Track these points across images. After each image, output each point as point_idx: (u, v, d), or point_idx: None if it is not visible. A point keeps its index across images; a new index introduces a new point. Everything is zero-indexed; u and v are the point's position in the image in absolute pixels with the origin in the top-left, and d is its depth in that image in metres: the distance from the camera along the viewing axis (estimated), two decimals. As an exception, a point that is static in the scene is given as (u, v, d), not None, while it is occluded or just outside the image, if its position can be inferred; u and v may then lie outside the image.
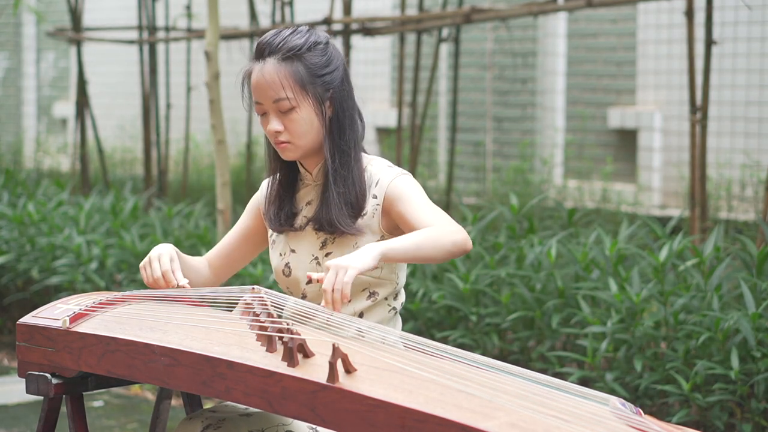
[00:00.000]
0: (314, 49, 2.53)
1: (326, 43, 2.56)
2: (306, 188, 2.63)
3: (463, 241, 2.41)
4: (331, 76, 2.54)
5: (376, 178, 2.55)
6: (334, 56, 2.56)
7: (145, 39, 7.63)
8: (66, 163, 10.11)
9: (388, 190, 2.52)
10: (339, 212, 2.52)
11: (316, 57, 2.53)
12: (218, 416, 2.49)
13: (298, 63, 2.51)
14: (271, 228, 2.65)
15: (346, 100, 2.56)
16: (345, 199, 2.53)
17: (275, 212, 2.63)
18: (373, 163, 2.60)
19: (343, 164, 2.54)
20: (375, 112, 8.99)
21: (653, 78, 7.54)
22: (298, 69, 2.51)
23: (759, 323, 3.81)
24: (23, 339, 2.46)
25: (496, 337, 4.57)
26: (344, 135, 2.55)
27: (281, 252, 2.63)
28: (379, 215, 2.53)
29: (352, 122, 2.57)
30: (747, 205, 6.40)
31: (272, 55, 2.52)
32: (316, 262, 2.56)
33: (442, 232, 2.39)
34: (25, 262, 6.10)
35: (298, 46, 2.51)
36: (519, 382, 2.08)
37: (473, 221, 5.13)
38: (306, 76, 2.51)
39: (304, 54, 2.52)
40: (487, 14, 5.91)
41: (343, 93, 2.56)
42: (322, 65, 2.53)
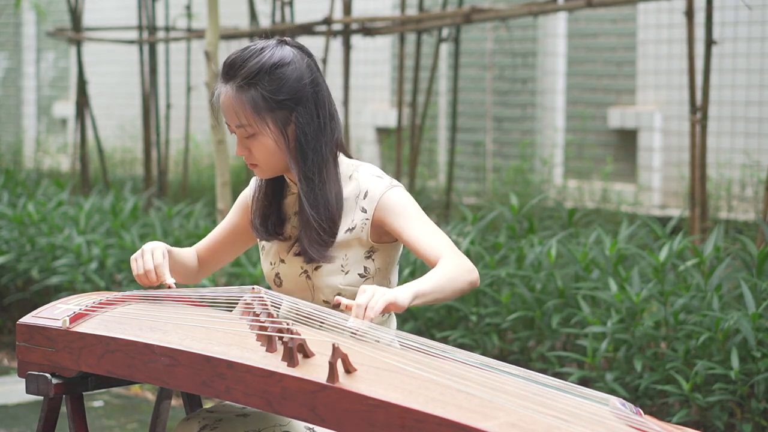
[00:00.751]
0: (272, 74, 2.43)
1: (288, 64, 2.45)
2: (293, 196, 2.59)
3: (476, 279, 2.40)
4: (291, 100, 2.45)
5: (365, 189, 2.49)
6: (297, 77, 2.45)
7: (145, 39, 7.63)
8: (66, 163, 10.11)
9: (379, 204, 2.47)
10: (310, 242, 2.47)
11: (274, 82, 2.43)
12: (215, 416, 2.49)
13: (254, 90, 2.43)
14: (257, 237, 2.61)
15: (310, 122, 2.47)
16: (316, 225, 2.47)
17: (261, 222, 2.59)
18: (360, 170, 2.53)
19: (309, 189, 2.47)
20: (375, 112, 8.99)
21: (653, 78, 7.54)
22: (253, 97, 2.43)
23: (759, 323, 3.81)
24: (23, 339, 2.46)
25: (496, 337, 4.57)
26: (307, 161, 2.47)
27: (272, 261, 2.60)
28: (368, 228, 2.48)
29: (316, 146, 2.47)
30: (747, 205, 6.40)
31: (232, 81, 2.45)
32: (305, 276, 2.53)
33: (459, 272, 2.36)
34: (25, 262, 6.10)
35: (254, 73, 2.43)
36: (519, 382, 2.08)
37: (473, 221, 5.13)
38: (262, 103, 2.43)
39: (262, 80, 2.43)
40: (487, 14, 5.91)
41: (307, 115, 2.47)
42: (279, 90, 2.43)
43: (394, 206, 2.46)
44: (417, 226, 2.44)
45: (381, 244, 2.51)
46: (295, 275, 2.54)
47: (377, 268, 2.52)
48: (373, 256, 2.51)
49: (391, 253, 2.54)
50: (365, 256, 2.50)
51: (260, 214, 2.59)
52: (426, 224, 2.45)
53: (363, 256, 2.50)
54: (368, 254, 2.50)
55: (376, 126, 9.01)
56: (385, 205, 2.47)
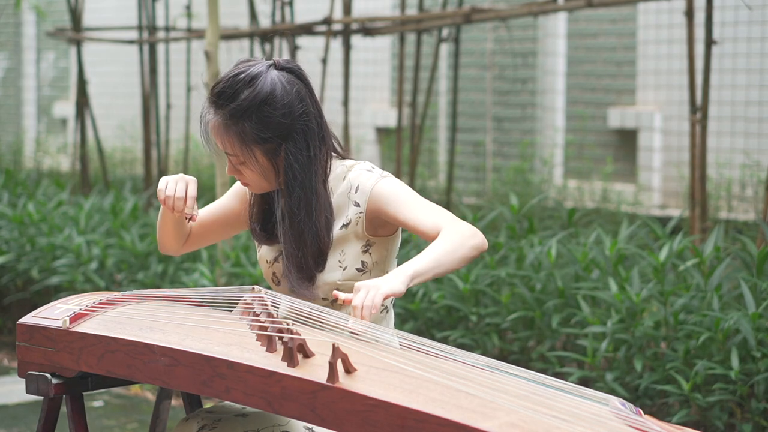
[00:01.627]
0: (262, 110, 2.41)
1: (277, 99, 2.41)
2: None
3: (482, 243, 2.37)
4: (279, 136, 2.43)
5: (356, 184, 2.50)
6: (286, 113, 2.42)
7: (145, 39, 7.63)
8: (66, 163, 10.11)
9: (371, 197, 2.47)
10: (290, 277, 2.48)
11: (263, 120, 2.41)
12: (214, 416, 2.49)
13: (244, 125, 2.42)
14: (257, 240, 2.62)
15: (298, 155, 2.45)
16: (296, 263, 2.46)
17: (260, 226, 2.60)
18: (354, 169, 2.53)
19: (292, 225, 2.47)
20: (375, 112, 8.99)
21: (653, 78, 7.54)
22: (241, 131, 2.42)
23: (759, 323, 3.81)
24: (23, 339, 2.46)
25: (496, 337, 4.57)
26: (293, 196, 2.46)
27: (268, 260, 2.61)
28: (363, 222, 2.49)
29: (304, 181, 2.45)
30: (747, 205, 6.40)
31: (220, 111, 2.44)
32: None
33: (459, 240, 2.34)
34: (25, 262, 6.10)
35: (244, 109, 2.40)
36: (519, 382, 2.08)
37: (473, 221, 5.13)
38: (251, 138, 2.42)
39: (252, 116, 2.41)
40: (487, 14, 5.91)
41: (295, 148, 2.45)
42: (267, 127, 2.41)
43: (387, 195, 2.47)
44: (411, 207, 2.44)
45: (377, 238, 2.52)
46: None
47: (374, 262, 2.52)
48: (369, 250, 2.51)
49: (387, 246, 2.54)
50: (362, 250, 2.51)
51: (259, 219, 2.60)
52: (420, 203, 2.45)
53: (360, 251, 2.51)
54: (365, 248, 2.51)
55: (376, 126, 9.01)
56: (377, 196, 2.47)
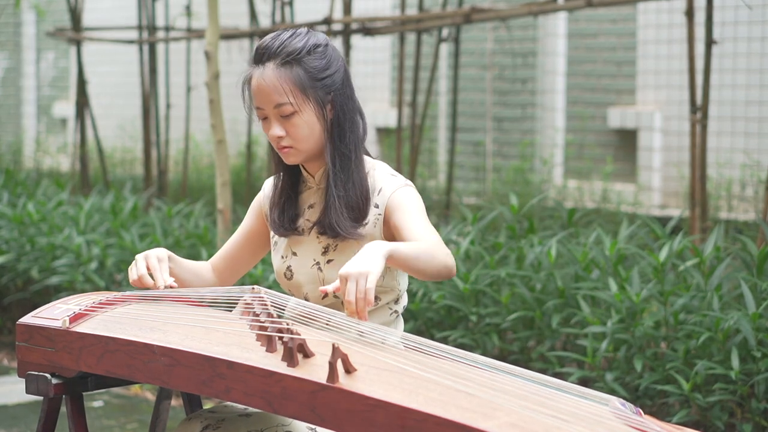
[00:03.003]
0: (314, 53, 2.51)
1: (325, 46, 2.53)
2: (309, 191, 2.62)
3: (452, 265, 2.41)
4: (331, 78, 2.52)
5: (379, 186, 2.54)
6: (334, 58, 2.54)
7: (145, 39, 7.63)
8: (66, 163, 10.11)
9: (389, 201, 2.51)
10: (340, 217, 2.51)
11: (316, 60, 2.51)
12: (217, 416, 2.49)
13: (298, 67, 2.49)
14: (274, 231, 2.63)
15: (347, 102, 2.54)
16: (346, 203, 2.51)
17: (279, 215, 2.61)
18: (376, 167, 2.59)
19: (344, 168, 2.53)
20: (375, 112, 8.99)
21: (653, 78, 7.54)
22: (298, 73, 2.49)
23: (759, 323, 3.81)
24: (23, 339, 2.46)
25: (496, 337, 4.57)
26: (345, 138, 2.53)
27: (283, 254, 2.62)
28: (381, 224, 2.52)
29: (352, 125, 2.55)
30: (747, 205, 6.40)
31: (271, 60, 2.50)
32: (317, 267, 2.55)
33: (438, 252, 2.38)
34: (25, 262, 6.10)
35: (297, 50, 2.49)
36: (519, 382, 2.08)
37: (473, 221, 5.13)
38: (306, 80, 2.49)
39: (304, 58, 2.49)
40: (487, 14, 5.91)
41: (344, 95, 2.54)
42: (322, 68, 2.51)
43: (401, 203, 2.50)
44: (412, 219, 2.47)
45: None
46: (306, 267, 2.56)
47: (387, 268, 2.53)
48: None
49: None
50: None
51: (278, 208, 2.62)
52: (421, 220, 2.48)
53: None
54: None
55: (376, 126, 9.01)
56: (394, 201, 2.51)
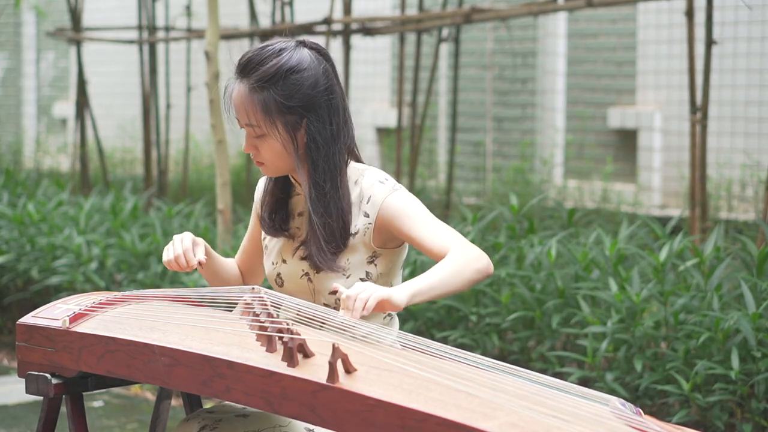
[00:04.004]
0: (286, 79, 2.42)
1: (304, 70, 2.43)
2: (298, 197, 2.59)
3: (486, 267, 2.35)
4: (303, 107, 2.43)
5: (368, 195, 2.48)
6: (311, 84, 2.44)
7: (145, 39, 7.63)
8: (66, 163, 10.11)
9: (381, 209, 2.46)
10: (318, 251, 2.46)
11: (288, 88, 2.42)
12: (215, 417, 2.48)
13: (267, 93, 2.42)
14: (265, 231, 2.61)
15: (321, 129, 2.45)
16: (323, 235, 2.45)
17: (269, 215, 2.59)
18: (365, 175, 2.52)
19: (319, 197, 2.46)
20: (375, 112, 8.99)
21: (653, 78, 7.54)
22: (265, 99, 2.42)
23: (759, 323, 3.80)
24: (23, 339, 2.46)
25: (496, 337, 4.57)
26: (317, 169, 2.46)
27: (273, 260, 2.60)
28: (371, 233, 2.47)
29: (328, 154, 2.46)
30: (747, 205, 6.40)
31: (246, 79, 2.45)
32: (307, 278, 2.52)
33: (464, 262, 2.33)
34: (25, 262, 6.10)
35: (269, 76, 2.42)
36: (519, 382, 2.08)
37: (473, 221, 5.13)
38: (273, 107, 2.42)
39: (275, 85, 2.42)
40: (487, 14, 5.91)
41: (319, 122, 2.45)
42: (292, 96, 2.42)
43: (398, 210, 2.45)
44: (421, 224, 2.43)
45: (384, 250, 2.51)
46: (296, 277, 2.54)
47: (379, 273, 2.51)
48: (375, 261, 2.50)
49: (393, 258, 2.53)
50: (368, 261, 2.50)
51: (269, 208, 2.60)
52: (430, 221, 2.44)
53: (365, 261, 2.50)
54: (371, 259, 2.50)
55: (376, 126, 9.01)
56: (388, 210, 2.46)
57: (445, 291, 2.31)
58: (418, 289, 2.28)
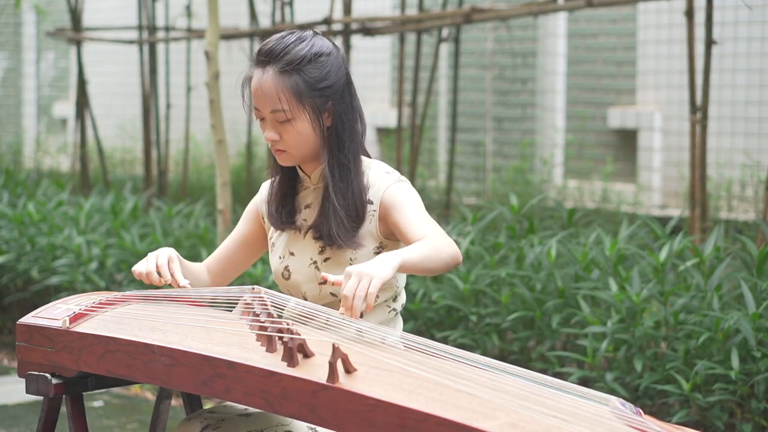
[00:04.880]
0: (315, 62, 2.49)
1: (328, 54, 2.51)
2: (306, 191, 2.62)
3: (457, 254, 2.41)
4: (331, 89, 2.51)
5: (374, 183, 2.54)
6: (336, 67, 2.52)
7: (145, 39, 7.63)
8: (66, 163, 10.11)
9: (383, 198, 2.51)
10: (338, 226, 2.50)
11: (316, 70, 2.49)
12: (217, 416, 2.49)
13: (297, 76, 2.48)
14: (272, 225, 2.63)
15: (346, 111, 2.53)
16: (345, 212, 2.51)
17: (276, 209, 2.62)
18: (372, 167, 2.58)
19: (343, 177, 2.52)
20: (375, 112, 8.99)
21: (653, 78, 7.54)
22: (296, 82, 2.48)
23: (759, 323, 3.81)
24: (23, 339, 2.46)
25: (496, 337, 4.57)
26: (343, 148, 2.53)
27: (281, 255, 2.62)
28: (376, 221, 2.52)
29: (352, 134, 2.54)
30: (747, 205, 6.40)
31: (272, 65, 2.49)
32: (315, 267, 2.55)
33: (441, 245, 2.38)
34: (25, 262, 6.10)
35: (298, 59, 2.48)
36: (519, 382, 2.08)
37: (473, 221, 5.13)
38: (304, 89, 2.48)
39: (304, 67, 2.48)
40: (487, 14, 5.91)
41: (343, 104, 2.53)
42: (322, 78, 2.49)
43: (397, 200, 2.50)
44: (411, 216, 2.48)
45: (390, 241, 2.54)
46: (304, 266, 2.56)
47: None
48: (382, 252, 2.53)
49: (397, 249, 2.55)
50: (375, 251, 2.53)
51: (276, 203, 2.62)
52: (421, 215, 2.48)
53: (372, 252, 2.52)
54: (377, 250, 2.53)
55: (376, 126, 9.01)
56: (388, 198, 2.51)
57: (426, 267, 2.34)
58: (405, 258, 2.30)
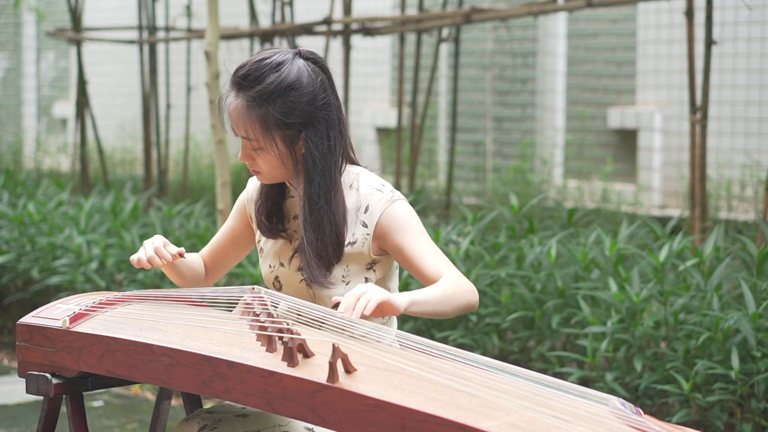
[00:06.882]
0: (287, 95, 2.39)
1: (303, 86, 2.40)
2: (293, 199, 2.57)
3: (475, 302, 2.38)
4: (302, 123, 2.41)
5: (366, 203, 2.47)
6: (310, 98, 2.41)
7: (145, 39, 7.63)
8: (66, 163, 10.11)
9: (381, 220, 2.45)
10: (309, 264, 2.45)
11: (287, 104, 2.39)
12: (215, 417, 2.49)
13: (267, 109, 2.40)
14: (262, 233, 2.59)
15: (319, 144, 2.43)
16: (316, 252, 2.44)
17: (267, 217, 2.57)
18: (360, 181, 2.50)
19: (311, 212, 2.44)
20: (375, 112, 8.99)
21: (653, 78, 7.54)
22: (265, 114, 2.40)
23: (759, 323, 3.81)
24: (23, 339, 2.46)
25: (496, 337, 4.57)
26: (313, 183, 2.44)
27: (271, 263, 2.59)
28: (369, 243, 2.47)
29: (324, 169, 2.43)
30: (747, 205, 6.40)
31: (243, 93, 2.42)
32: (306, 284, 2.52)
33: (460, 291, 2.35)
34: (25, 262, 6.10)
35: (268, 93, 2.39)
36: (519, 382, 2.08)
37: (473, 221, 5.13)
38: (272, 122, 2.40)
39: (275, 101, 2.39)
40: (487, 14, 5.91)
41: (317, 136, 2.43)
42: (291, 112, 2.40)
43: (395, 222, 2.45)
44: (418, 242, 2.43)
45: (382, 257, 2.51)
46: (295, 282, 2.54)
47: (378, 279, 2.52)
48: (374, 267, 2.51)
49: (391, 263, 2.55)
50: (366, 267, 2.50)
51: (266, 210, 2.58)
52: (427, 242, 2.44)
53: (364, 268, 2.50)
54: (369, 266, 2.50)
55: (376, 126, 9.01)
56: (386, 221, 2.45)
57: (437, 310, 2.33)
58: (417, 299, 2.29)
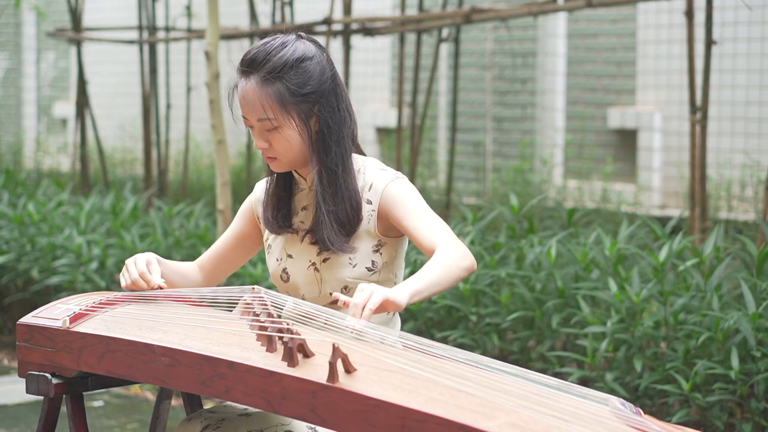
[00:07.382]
0: (297, 68, 2.46)
1: (311, 58, 2.49)
2: (302, 193, 2.61)
3: (472, 264, 2.40)
4: (315, 93, 2.48)
5: (370, 182, 2.53)
6: (320, 70, 2.49)
7: (145, 39, 7.63)
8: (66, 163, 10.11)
9: (383, 196, 2.50)
10: (330, 232, 2.49)
11: (300, 76, 2.47)
12: (217, 416, 2.49)
13: (280, 83, 2.45)
14: (269, 230, 2.62)
15: (332, 115, 2.51)
16: (335, 218, 2.49)
17: (273, 214, 2.61)
18: (366, 165, 2.57)
19: (330, 182, 2.50)
20: (375, 112, 8.99)
21: (653, 78, 7.54)
22: (279, 90, 2.45)
23: (759, 323, 3.81)
24: (23, 339, 2.46)
25: (496, 337, 4.57)
26: (330, 153, 2.51)
27: (278, 257, 2.61)
28: (375, 220, 2.51)
29: (339, 138, 2.51)
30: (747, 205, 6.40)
31: (255, 74, 2.47)
32: (314, 268, 2.54)
33: (453, 261, 2.37)
34: (25, 262, 6.10)
35: (279, 66, 2.45)
36: (519, 382, 2.08)
37: (473, 221, 5.13)
38: (288, 96, 2.46)
39: (287, 74, 2.45)
40: (487, 14, 5.91)
41: (329, 108, 2.50)
42: (306, 83, 2.47)
43: (398, 198, 2.50)
44: (415, 214, 2.47)
45: (388, 238, 2.54)
46: (303, 268, 2.56)
47: (384, 262, 2.54)
48: (381, 250, 2.54)
49: (397, 247, 2.57)
50: (373, 249, 2.53)
51: (272, 207, 2.61)
52: (425, 213, 2.48)
53: (371, 250, 2.53)
54: (376, 248, 2.53)
55: (376, 126, 9.01)
56: (388, 196, 2.50)
57: (439, 289, 2.35)
58: (416, 288, 2.30)
